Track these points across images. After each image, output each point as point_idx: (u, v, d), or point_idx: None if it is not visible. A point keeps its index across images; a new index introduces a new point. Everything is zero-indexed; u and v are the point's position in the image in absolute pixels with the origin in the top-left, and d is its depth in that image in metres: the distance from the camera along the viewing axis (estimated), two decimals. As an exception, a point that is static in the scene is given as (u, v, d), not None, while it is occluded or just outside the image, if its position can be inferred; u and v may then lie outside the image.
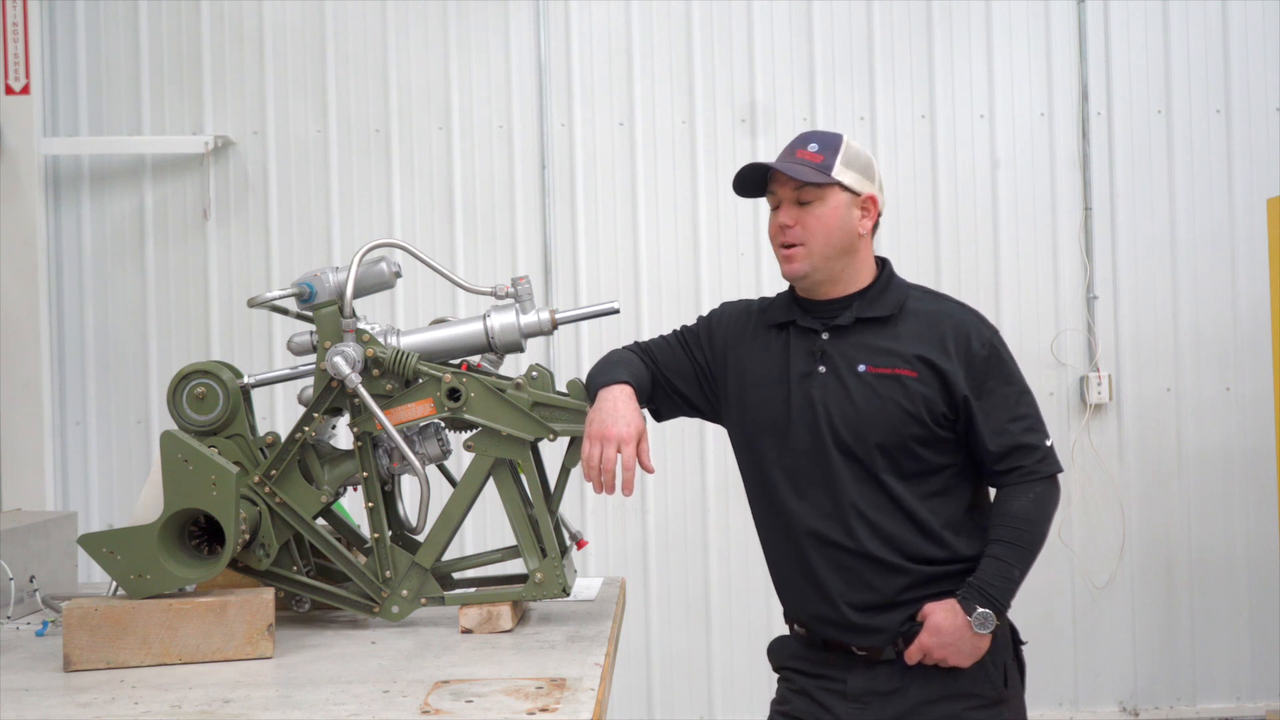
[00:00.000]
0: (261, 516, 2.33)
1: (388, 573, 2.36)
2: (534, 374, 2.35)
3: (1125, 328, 4.84)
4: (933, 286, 2.40)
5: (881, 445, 2.17)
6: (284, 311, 2.53)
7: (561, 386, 2.39)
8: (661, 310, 4.78)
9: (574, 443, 2.35)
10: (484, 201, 4.83)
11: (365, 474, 2.36)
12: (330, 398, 2.34)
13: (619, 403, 2.23)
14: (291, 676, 2.03)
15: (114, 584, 2.19)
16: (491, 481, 2.38)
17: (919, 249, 4.79)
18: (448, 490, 2.47)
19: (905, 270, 2.40)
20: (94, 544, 2.16)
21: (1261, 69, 4.86)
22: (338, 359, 2.27)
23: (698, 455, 4.78)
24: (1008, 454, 2.19)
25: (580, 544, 2.56)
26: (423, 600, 2.38)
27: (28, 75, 4.66)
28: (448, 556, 2.46)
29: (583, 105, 4.84)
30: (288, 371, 2.47)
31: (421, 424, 2.37)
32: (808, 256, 2.23)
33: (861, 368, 2.20)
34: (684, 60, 4.86)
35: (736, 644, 4.76)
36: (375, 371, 2.34)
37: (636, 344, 2.46)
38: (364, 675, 2.02)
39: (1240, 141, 4.85)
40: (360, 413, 2.33)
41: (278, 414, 4.64)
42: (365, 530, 2.49)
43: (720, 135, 4.84)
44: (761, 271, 4.76)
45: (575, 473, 2.40)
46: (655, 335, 2.51)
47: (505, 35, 4.85)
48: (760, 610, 4.61)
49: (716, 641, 4.79)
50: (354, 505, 2.62)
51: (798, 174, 2.20)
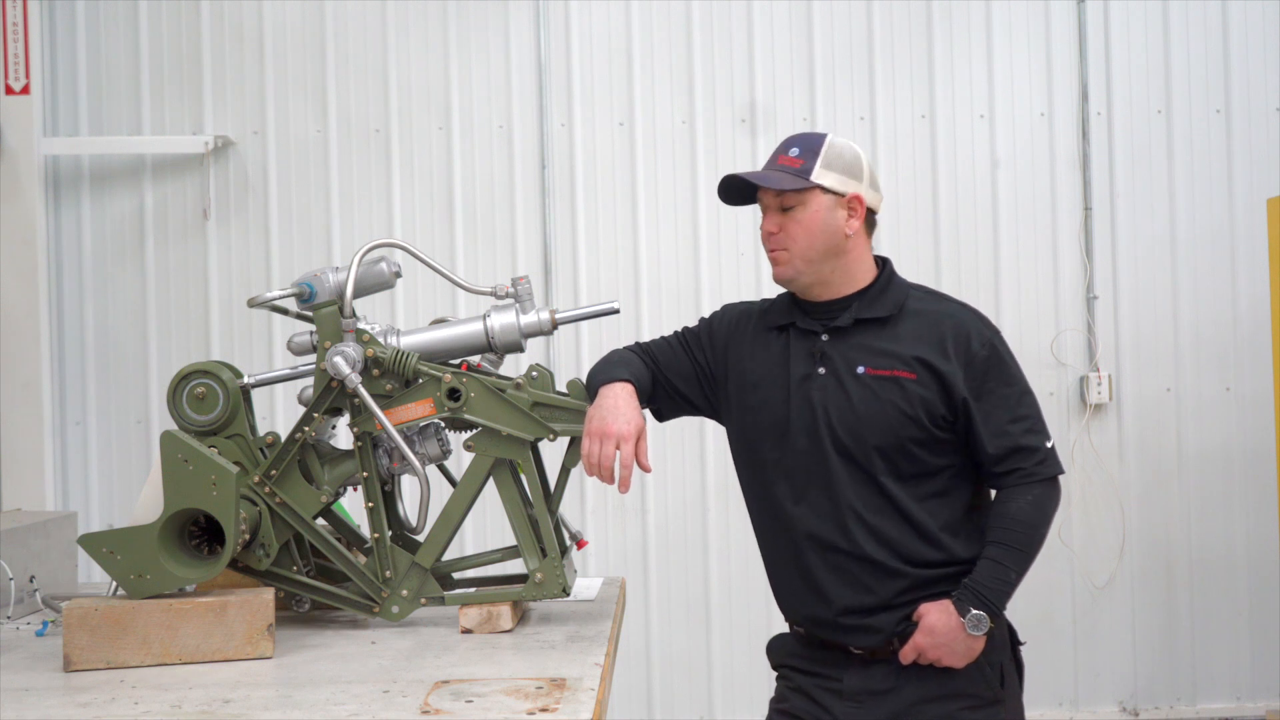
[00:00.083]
0: (261, 516, 2.33)
1: (388, 573, 2.36)
2: (534, 374, 2.35)
3: (1125, 328, 4.84)
4: (933, 286, 2.39)
5: (880, 447, 2.16)
6: (284, 311, 2.53)
7: (561, 386, 2.39)
8: (661, 310, 4.78)
9: (574, 443, 2.35)
10: (484, 201, 4.83)
11: (365, 474, 2.36)
12: (330, 398, 2.34)
13: (619, 400, 2.23)
14: (291, 676, 2.03)
15: (114, 584, 2.19)
16: (491, 481, 2.38)
17: (919, 249, 4.79)
18: (448, 490, 2.47)
19: (905, 270, 2.40)
20: (94, 544, 2.16)
21: (1261, 69, 4.86)
22: (338, 359, 2.27)
23: (698, 455, 4.78)
24: (1007, 456, 2.18)
25: (580, 544, 2.56)
26: (423, 600, 2.38)
27: (28, 75, 4.66)
28: (448, 556, 2.46)
29: (583, 105, 4.84)
30: (288, 371, 2.47)
31: (421, 424, 2.38)
32: (790, 261, 2.23)
33: (861, 369, 2.20)
34: (684, 60, 4.85)
35: (736, 644, 4.75)
36: (375, 371, 2.34)
37: (637, 344, 2.46)
38: (364, 675, 2.02)
39: (1240, 141, 4.85)
40: (360, 413, 2.33)
41: (278, 414, 4.64)
42: (365, 530, 2.49)
43: (720, 135, 4.84)
44: (761, 272, 4.75)
45: (576, 473, 2.40)
46: (655, 335, 2.51)
47: (505, 35, 4.85)
48: (760, 610, 4.60)
49: (716, 641, 4.79)
50: (354, 505, 2.62)
51: (773, 183, 2.21)
